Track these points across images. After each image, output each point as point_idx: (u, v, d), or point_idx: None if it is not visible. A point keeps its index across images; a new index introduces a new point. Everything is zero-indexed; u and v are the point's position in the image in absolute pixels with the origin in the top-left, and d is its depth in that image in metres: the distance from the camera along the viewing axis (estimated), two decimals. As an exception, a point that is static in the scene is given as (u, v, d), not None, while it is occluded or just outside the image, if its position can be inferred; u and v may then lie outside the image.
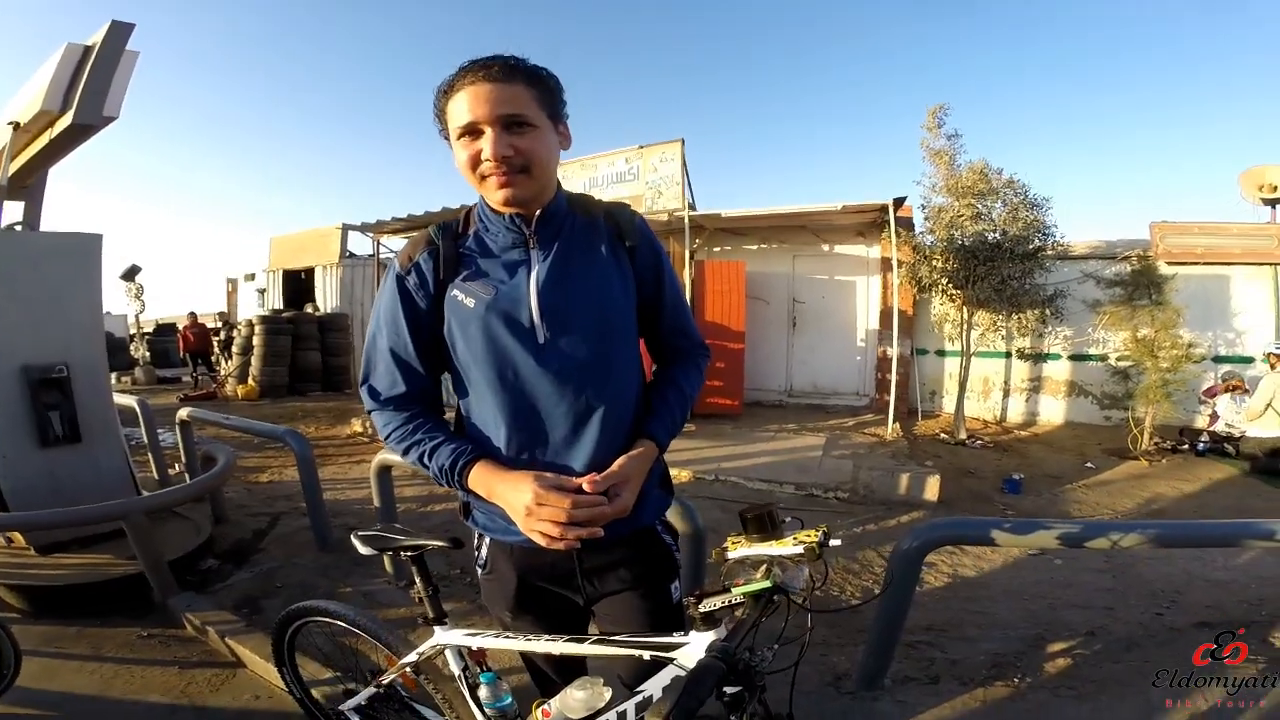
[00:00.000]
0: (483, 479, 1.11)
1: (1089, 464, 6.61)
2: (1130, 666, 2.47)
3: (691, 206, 8.70)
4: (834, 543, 1.05)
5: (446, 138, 1.12)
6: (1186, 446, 6.99)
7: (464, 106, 1.06)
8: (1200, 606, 3.09)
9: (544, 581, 1.23)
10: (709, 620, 1.08)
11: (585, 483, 1.06)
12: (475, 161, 1.08)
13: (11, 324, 3.29)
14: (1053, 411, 8.80)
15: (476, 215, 1.21)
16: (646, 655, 1.11)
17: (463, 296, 1.14)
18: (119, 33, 3.32)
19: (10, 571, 3.12)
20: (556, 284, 1.14)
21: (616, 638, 1.16)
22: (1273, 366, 6.63)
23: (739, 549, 1.09)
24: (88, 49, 3.33)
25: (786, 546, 1.04)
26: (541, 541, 1.06)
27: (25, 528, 3.25)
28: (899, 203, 7.37)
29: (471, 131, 1.07)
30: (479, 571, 1.30)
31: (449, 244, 1.18)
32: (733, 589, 1.07)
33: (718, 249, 9.75)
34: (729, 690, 0.98)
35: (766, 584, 1.03)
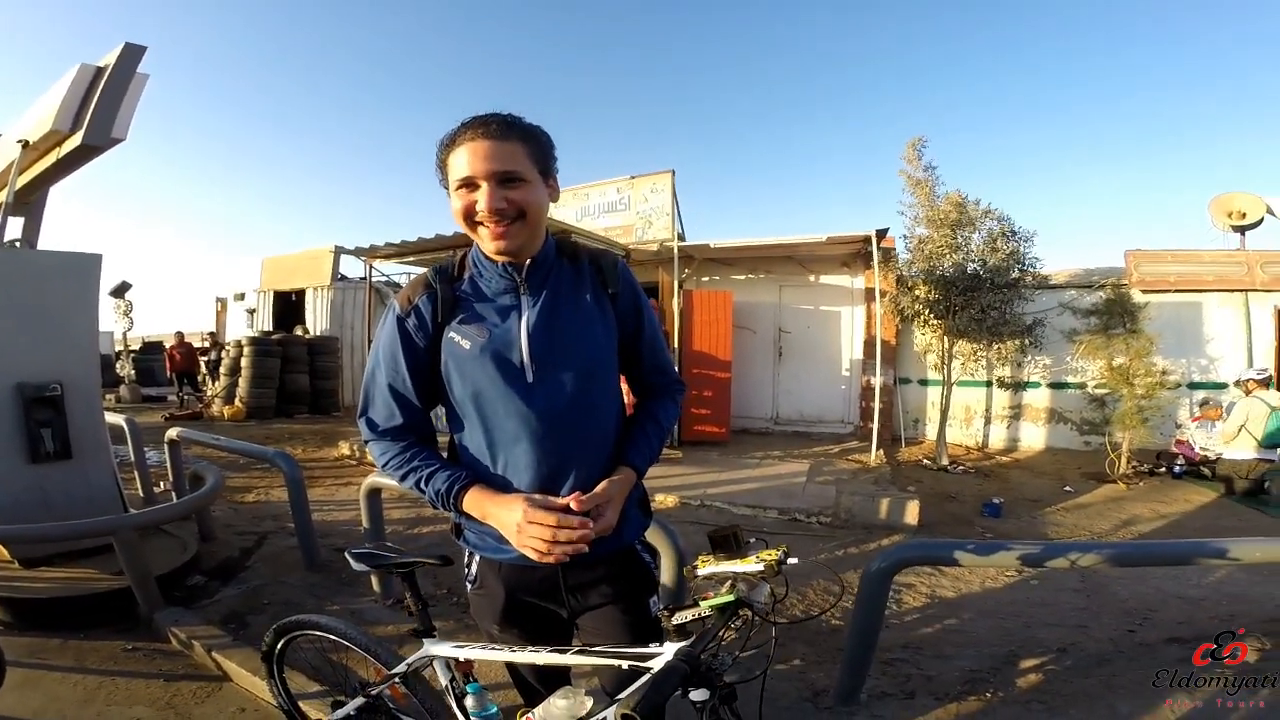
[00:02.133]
0: (476, 502, 1.20)
1: (1068, 488, 6.74)
2: (1100, 681, 2.56)
3: (681, 237, 8.87)
4: (792, 561, 1.15)
5: (446, 187, 1.22)
6: (1164, 470, 7.17)
7: (463, 161, 1.16)
8: (1172, 623, 3.18)
9: (530, 596, 1.31)
10: (681, 632, 1.17)
11: (571, 501, 1.16)
12: (469, 211, 1.18)
13: (8, 342, 3.34)
14: (1033, 437, 8.97)
15: (471, 261, 1.30)
16: (625, 665, 1.18)
17: (459, 339, 1.23)
18: (131, 55, 3.37)
19: (-6, 584, 3.13)
20: (545, 328, 1.24)
21: (597, 648, 1.23)
22: (1247, 392, 6.79)
23: (707, 566, 1.19)
24: (99, 70, 3.38)
25: (749, 564, 1.14)
26: (533, 556, 1.15)
27: (17, 541, 3.27)
28: (881, 234, 7.55)
29: (468, 184, 1.17)
30: (469, 587, 1.37)
31: (446, 288, 1.27)
32: (701, 603, 1.16)
33: (706, 279, 9.90)
34: (696, 698, 1.06)
35: (730, 598, 1.13)
